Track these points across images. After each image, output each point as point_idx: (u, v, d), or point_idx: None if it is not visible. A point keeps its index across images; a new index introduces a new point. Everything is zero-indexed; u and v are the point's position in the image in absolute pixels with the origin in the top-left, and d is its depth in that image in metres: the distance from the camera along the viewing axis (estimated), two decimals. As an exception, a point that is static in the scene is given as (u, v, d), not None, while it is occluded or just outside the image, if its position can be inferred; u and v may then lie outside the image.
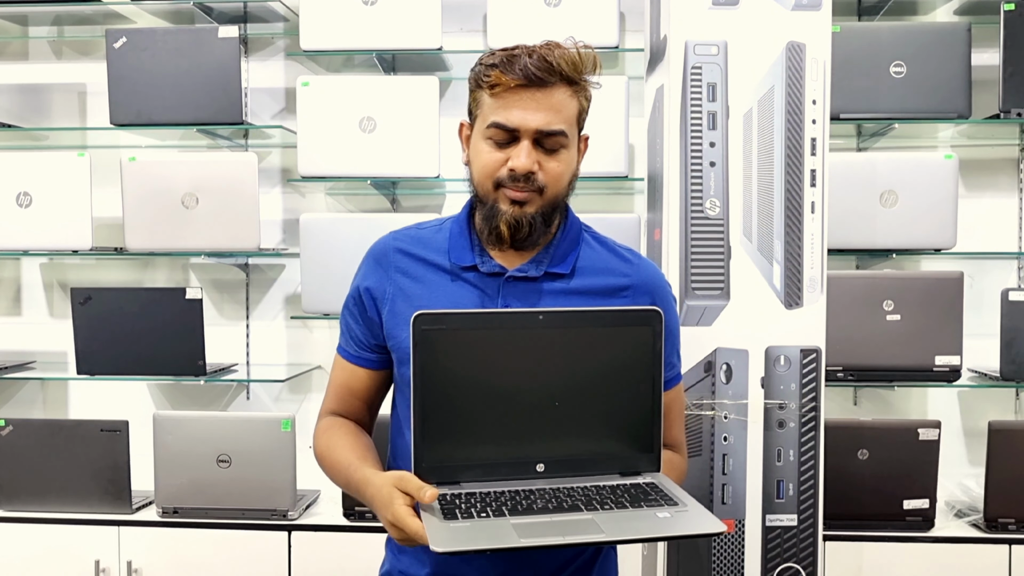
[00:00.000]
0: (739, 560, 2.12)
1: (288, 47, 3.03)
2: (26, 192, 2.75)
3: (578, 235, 1.44)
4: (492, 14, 2.67)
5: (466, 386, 1.27)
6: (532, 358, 1.28)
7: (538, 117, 1.31)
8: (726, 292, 2.10)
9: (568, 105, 1.34)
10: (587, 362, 1.29)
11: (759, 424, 2.11)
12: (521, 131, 1.32)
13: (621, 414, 1.31)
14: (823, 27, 2.09)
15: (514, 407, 1.28)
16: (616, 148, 2.63)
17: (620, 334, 1.29)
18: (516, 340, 1.28)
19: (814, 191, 2.10)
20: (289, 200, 3.05)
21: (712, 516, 1.20)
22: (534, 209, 1.35)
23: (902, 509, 2.43)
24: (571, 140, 1.36)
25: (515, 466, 1.28)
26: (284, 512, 2.53)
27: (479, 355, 1.27)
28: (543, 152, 1.33)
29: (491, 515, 1.18)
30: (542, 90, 1.31)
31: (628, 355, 1.30)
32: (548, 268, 1.39)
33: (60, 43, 3.10)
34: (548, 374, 1.29)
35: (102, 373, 2.75)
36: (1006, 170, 2.90)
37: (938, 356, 2.51)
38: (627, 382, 1.30)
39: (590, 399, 1.29)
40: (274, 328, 3.05)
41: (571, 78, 1.33)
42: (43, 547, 2.56)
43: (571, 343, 1.29)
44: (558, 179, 1.35)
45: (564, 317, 1.29)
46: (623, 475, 1.31)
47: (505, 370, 1.28)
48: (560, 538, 1.13)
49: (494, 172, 1.34)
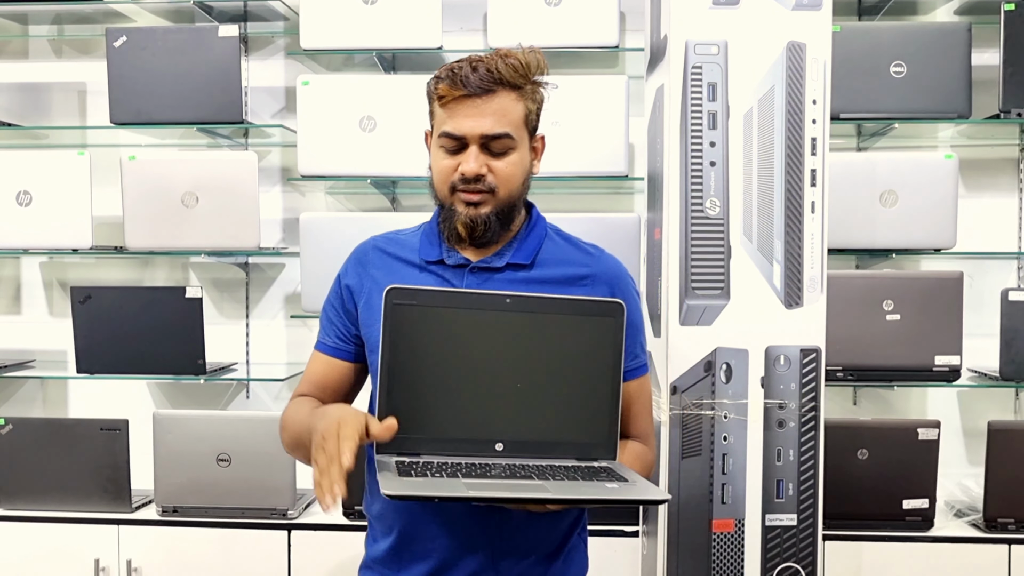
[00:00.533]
0: (739, 560, 2.12)
1: (288, 46, 3.03)
2: (26, 191, 2.75)
3: (543, 232, 1.52)
4: (492, 13, 2.67)
5: (432, 361, 1.32)
6: (497, 340, 1.33)
7: (482, 123, 1.38)
8: (726, 292, 2.10)
9: (512, 109, 1.41)
10: (550, 348, 1.34)
11: (759, 424, 2.11)
12: (468, 138, 1.40)
13: (581, 401, 1.35)
14: (823, 27, 2.09)
15: (477, 386, 1.33)
16: (616, 147, 2.63)
17: (584, 323, 1.34)
18: (483, 321, 1.33)
19: (814, 191, 2.10)
20: (289, 199, 3.05)
21: (658, 488, 1.24)
22: (488, 209, 1.42)
23: (902, 509, 2.43)
24: (519, 141, 1.43)
25: (475, 443, 1.32)
26: (284, 511, 2.53)
27: (446, 332, 1.32)
28: (491, 155, 1.41)
29: (445, 476, 1.22)
30: (484, 98, 1.38)
31: (590, 344, 1.34)
32: (510, 260, 1.47)
33: (60, 42, 3.10)
34: (512, 356, 1.33)
35: (102, 372, 2.75)
36: (1006, 170, 2.90)
37: (938, 356, 2.51)
38: (588, 370, 1.34)
39: (551, 384, 1.34)
40: (274, 327, 3.05)
41: (514, 83, 1.40)
42: (43, 546, 2.56)
43: (536, 328, 1.33)
44: (508, 179, 1.42)
45: (530, 302, 1.34)
46: (579, 460, 1.35)
47: (471, 349, 1.33)
48: (507, 492, 1.18)
49: (448, 178, 1.42)
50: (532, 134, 1.47)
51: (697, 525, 2.12)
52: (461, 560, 1.43)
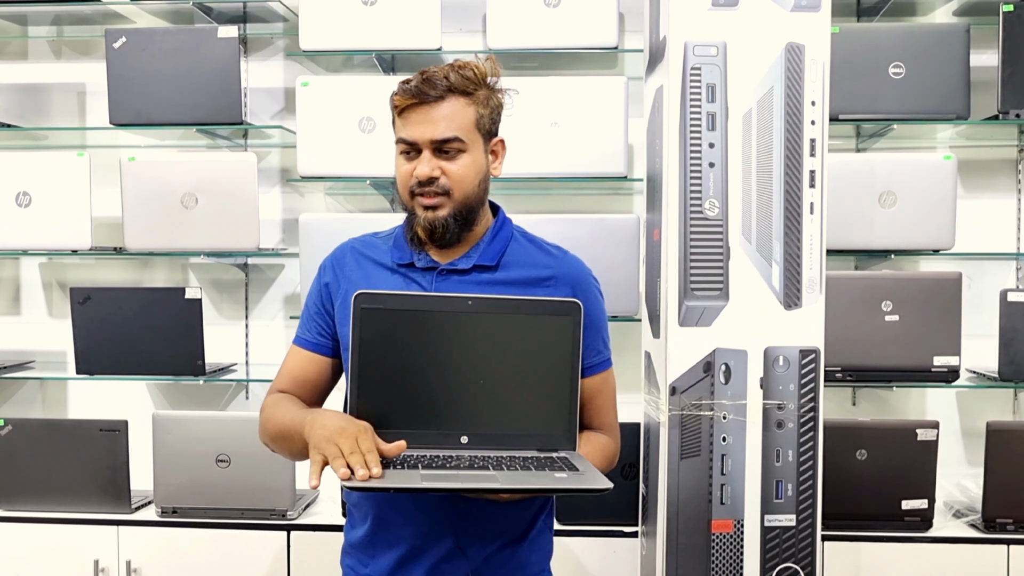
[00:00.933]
0: (738, 560, 2.13)
1: (288, 47, 3.03)
2: (25, 192, 2.75)
3: (508, 234, 1.59)
4: (491, 14, 2.68)
5: (399, 361, 1.41)
6: (460, 339, 1.42)
7: (431, 128, 1.47)
8: (725, 293, 2.10)
9: (462, 113, 1.48)
10: (511, 346, 1.42)
11: (758, 424, 2.11)
12: (420, 143, 1.48)
13: (541, 395, 1.43)
14: (822, 28, 2.09)
15: (442, 383, 1.42)
16: (615, 148, 2.63)
17: (542, 322, 1.42)
18: (446, 322, 1.42)
19: (813, 192, 2.11)
20: (288, 200, 3.05)
21: (603, 478, 1.30)
22: (446, 212, 1.49)
23: (900, 509, 2.43)
24: (470, 144, 1.50)
25: (442, 436, 1.41)
26: (283, 512, 2.53)
27: (412, 334, 1.41)
28: (445, 158, 1.48)
29: (406, 468, 1.31)
30: (432, 104, 1.47)
31: (549, 342, 1.42)
32: (477, 261, 1.53)
33: (60, 43, 3.11)
34: (475, 355, 1.42)
35: (101, 373, 2.75)
36: (1004, 171, 2.91)
37: (936, 356, 2.52)
38: (547, 366, 1.42)
39: (512, 380, 1.42)
40: (273, 328, 3.05)
41: (463, 89, 1.48)
42: (42, 547, 2.56)
43: (497, 328, 1.42)
44: (460, 181, 1.49)
45: (490, 303, 1.43)
46: (540, 451, 1.42)
47: (435, 348, 1.41)
48: (458, 484, 1.27)
49: (407, 183, 1.50)
50: (489, 137, 1.54)
51: (696, 526, 2.12)
52: (430, 546, 1.50)
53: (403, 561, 1.51)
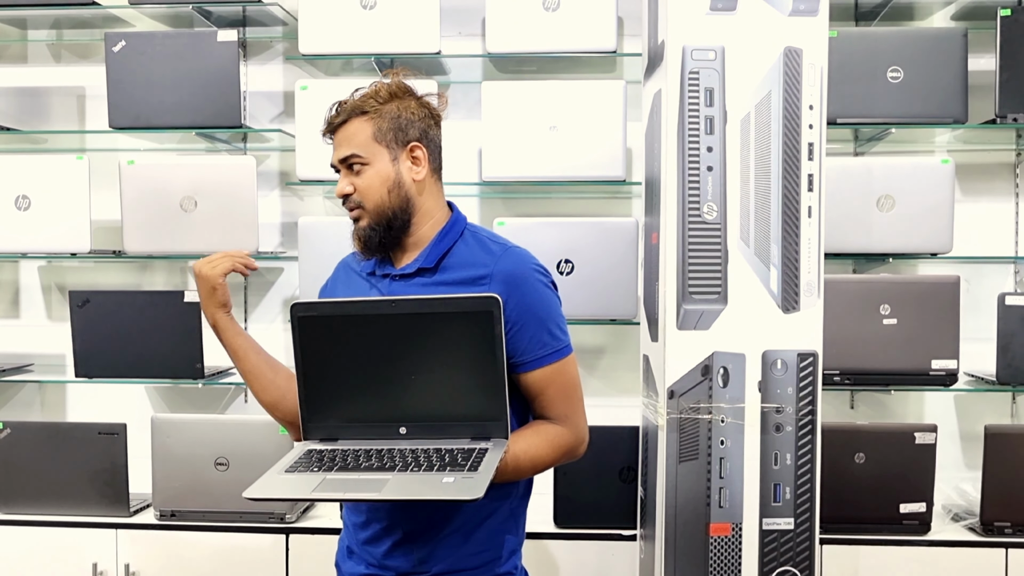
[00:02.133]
0: (736, 563, 2.13)
1: (287, 51, 3.03)
2: (25, 195, 2.76)
3: (456, 235, 1.64)
4: (491, 18, 2.68)
5: (338, 361, 1.53)
6: (390, 338, 1.51)
7: (337, 152, 1.61)
8: (723, 296, 2.10)
9: (360, 130, 1.59)
10: (435, 342, 1.50)
11: (756, 428, 2.11)
12: (335, 165, 1.63)
13: (469, 386, 1.50)
14: (820, 33, 2.09)
15: (379, 379, 1.52)
16: (614, 152, 2.64)
17: (461, 318, 1.49)
18: (375, 323, 1.51)
19: (811, 196, 2.11)
20: (287, 203, 3.06)
21: (482, 486, 1.34)
22: (366, 222, 1.60)
23: (899, 513, 2.44)
24: (371, 157, 1.59)
25: (382, 428, 1.53)
26: (282, 515, 2.54)
27: (346, 336, 1.52)
28: (353, 175, 1.60)
29: (320, 470, 1.45)
30: (339, 130, 1.61)
31: (470, 335, 1.49)
32: (421, 264, 1.61)
33: (59, 46, 3.11)
34: (404, 352, 1.51)
35: (100, 376, 2.75)
36: (1002, 175, 2.91)
37: (935, 360, 2.52)
38: (472, 359, 1.49)
39: (441, 373, 1.51)
40: (272, 331, 3.05)
41: (360, 109, 1.60)
42: (41, 550, 2.56)
43: (420, 326, 1.50)
44: (367, 191, 1.59)
45: (411, 304, 1.51)
46: (474, 439, 1.50)
47: (369, 348, 1.52)
48: (341, 494, 1.40)
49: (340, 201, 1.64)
50: (402, 146, 1.61)
51: (694, 529, 2.13)
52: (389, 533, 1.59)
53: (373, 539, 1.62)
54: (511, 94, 2.67)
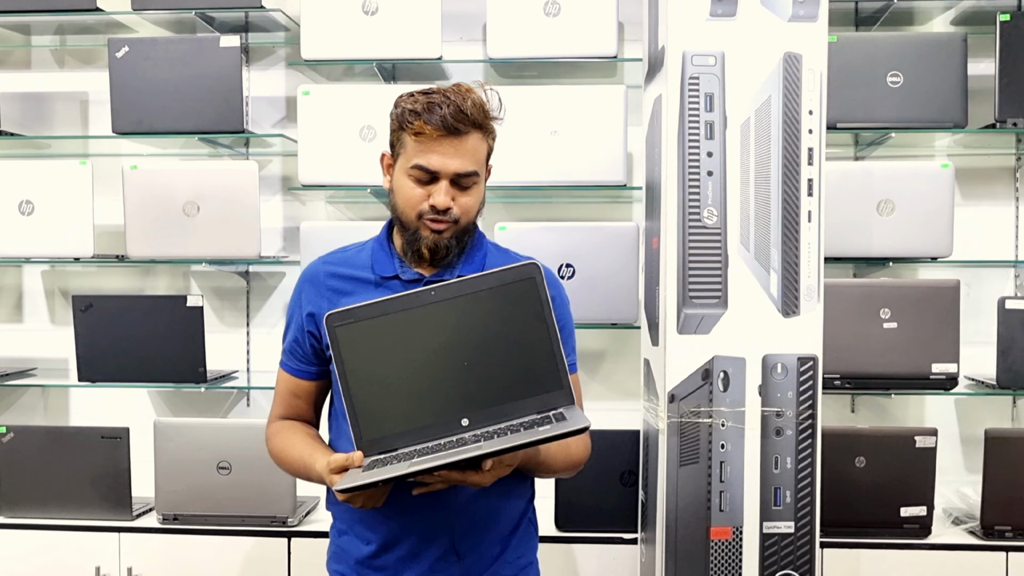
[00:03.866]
0: (737, 567, 2.13)
1: (289, 56, 3.04)
2: (28, 200, 2.77)
3: (485, 247, 1.65)
4: (492, 24, 2.69)
5: (384, 365, 1.45)
6: (435, 328, 1.45)
7: (455, 162, 1.51)
8: (723, 300, 2.11)
9: (480, 148, 1.54)
10: (483, 321, 1.45)
11: (756, 432, 2.12)
12: (441, 174, 1.51)
13: (525, 359, 1.44)
14: (819, 38, 2.10)
15: (430, 374, 1.45)
16: (614, 157, 2.65)
17: (505, 291, 1.44)
18: (417, 316, 1.45)
19: (811, 200, 2.12)
20: (289, 208, 3.06)
21: (583, 418, 1.34)
22: (450, 235, 1.55)
23: (899, 516, 2.44)
24: (481, 178, 1.56)
25: (442, 425, 1.44)
26: (284, 519, 2.54)
27: (389, 336, 1.45)
28: (458, 189, 1.53)
29: (401, 460, 1.36)
30: (458, 137, 1.50)
31: (517, 306, 1.44)
32: (460, 272, 1.58)
33: (62, 52, 3.12)
34: (452, 339, 1.45)
35: (103, 380, 2.76)
36: (1002, 179, 2.92)
37: (935, 364, 2.52)
38: (522, 329, 1.44)
39: (494, 353, 1.44)
40: (274, 335, 3.06)
41: (481, 124, 1.53)
42: (44, 554, 2.57)
43: (464, 309, 1.44)
44: (469, 211, 1.56)
45: (452, 287, 1.46)
46: (539, 412, 1.43)
47: (414, 344, 1.45)
48: (439, 460, 1.31)
49: (416, 206, 1.53)
50: (487, 167, 1.60)
51: (695, 533, 2.13)
52: (427, 548, 1.55)
53: (401, 566, 1.57)
54: (512, 99, 2.63)
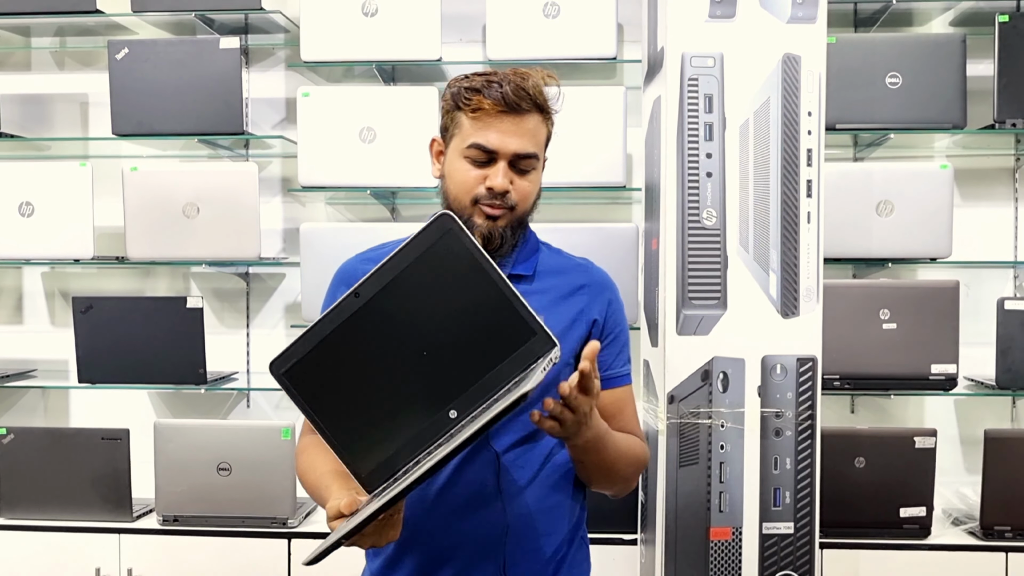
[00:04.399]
0: (736, 568, 2.13)
1: (289, 58, 3.05)
2: (28, 202, 2.77)
3: (536, 245, 1.56)
4: (491, 25, 2.69)
5: (348, 393, 1.31)
6: (378, 330, 1.30)
7: (515, 141, 1.42)
8: (723, 301, 2.11)
9: (539, 130, 1.46)
10: (422, 301, 1.30)
11: (756, 432, 2.12)
12: (499, 153, 1.42)
13: (482, 321, 1.29)
14: (818, 39, 2.11)
15: (395, 380, 1.30)
16: (614, 158, 2.65)
17: (429, 257, 1.29)
18: (355, 326, 1.30)
19: (810, 201, 2.12)
20: (289, 209, 3.07)
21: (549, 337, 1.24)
22: (505, 223, 1.45)
23: (899, 517, 2.44)
24: (540, 163, 1.48)
25: (431, 426, 1.29)
26: (284, 520, 2.54)
27: (337, 360, 1.30)
28: (516, 172, 1.44)
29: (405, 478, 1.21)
30: (519, 116, 1.42)
31: (448, 268, 1.29)
32: (512, 271, 1.48)
33: (62, 54, 3.12)
34: (400, 334, 1.30)
35: (103, 381, 2.76)
36: (1001, 180, 2.92)
37: (934, 364, 2.53)
38: (465, 290, 1.29)
39: (448, 328, 1.30)
40: (274, 336, 3.06)
41: (542, 106, 1.46)
42: (44, 555, 2.57)
43: (397, 296, 1.29)
44: (527, 197, 1.46)
45: (373, 279, 1.29)
46: (525, 369, 1.28)
47: (366, 356, 1.30)
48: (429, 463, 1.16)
49: (472, 189, 1.43)
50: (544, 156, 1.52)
51: (695, 533, 2.13)
52: (473, 573, 1.45)
53: None
54: (512, 100, 2.67)
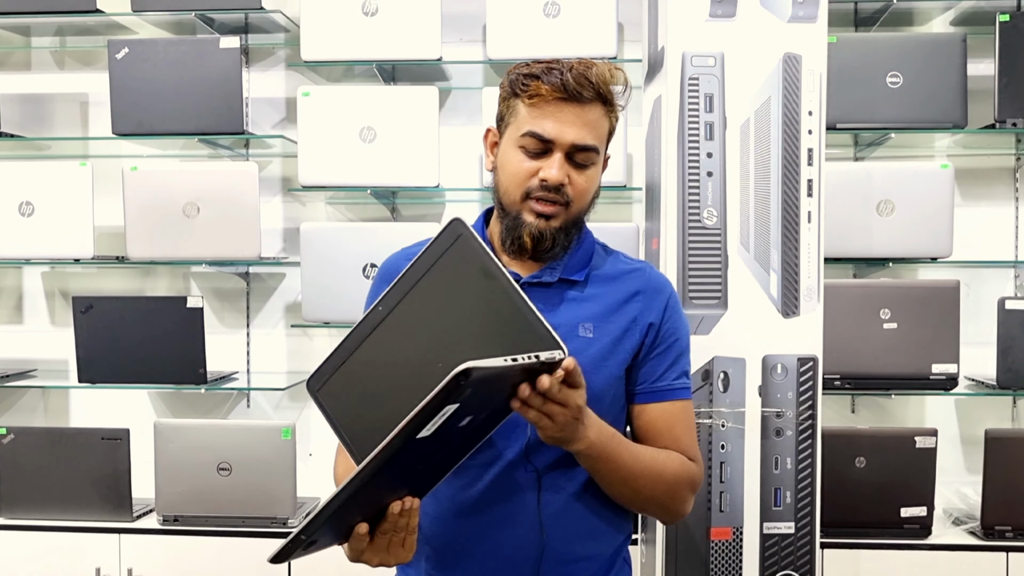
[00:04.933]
0: (737, 568, 2.13)
1: (289, 57, 3.04)
2: (28, 201, 2.77)
3: (591, 247, 1.46)
4: (491, 24, 2.69)
5: (377, 408, 1.28)
6: (399, 344, 1.28)
7: (574, 131, 1.32)
8: (723, 301, 2.11)
9: (601, 123, 1.36)
10: (437, 311, 1.26)
11: (756, 432, 2.12)
12: (556, 143, 1.33)
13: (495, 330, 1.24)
14: (819, 39, 2.10)
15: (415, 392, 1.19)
16: (614, 158, 2.64)
17: (442, 266, 1.24)
18: (379, 340, 1.28)
19: (811, 201, 2.12)
20: (289, 209, 3.07)
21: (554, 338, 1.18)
22: (559, 223, 1.35)
23: (899, 517, 2.44)
24: (600, 157, 1.38)
25: None
26: (284, 520, 2.54)
27: (365, 374, 1.29)
28: (573, 166, 1.34)
29: None
30: (580, 105, 1.32)
31: (461, 276, 1.24)
32: (562, 275, 1.39)
33: (62, 53, 3.12)
34: (419, 346, 1.27)
35: (103, 381, 2.76)
36: (1002, 179, 2.92)
37: (935, 364, 2.52)
38: (478, 298, 1.24)
39: (461, 339, 1.25)
40: (274, 336, 3.06)
41: (606, 97, 1.35)
42: (44, 554, 2.57)
43: (415, 307, 1.26)
44: (584, 194, 1.37)
45: (394, 291, 1.27)
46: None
47: (390, 369, 1.28)
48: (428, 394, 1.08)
49: (524, 181, 1.34)
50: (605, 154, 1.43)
51: (695, 533, 2.13)
52: None
53: None
54: (512, 100, 2.67)
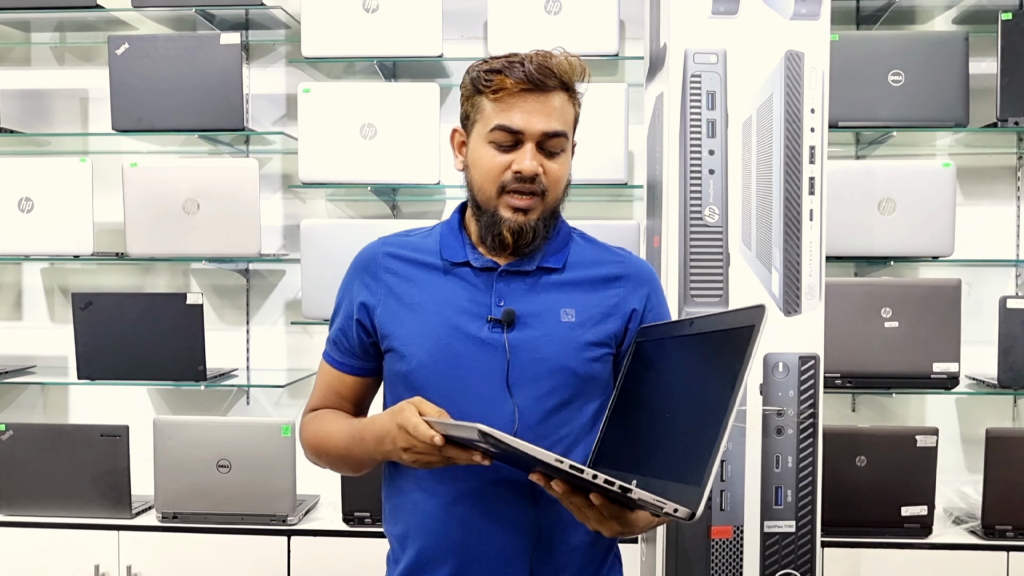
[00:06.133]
0: (737, 566, 2.13)
1: (289, 54, 3.04)
2: (28, 197, 2.76)
3: (568, 236, 1.47)
4: (493, 22, 2.69)
5: (645, 395, 1.31)
6: (644, 373, 1.33)
7: (542, 120, 1.33)
8: (725, 299, 2.11)
9: (567, 109, 1.37)
10: (681, 367, 1.26)
11: (757, 431, 2.11)
12: (526, 133, 1.34)
13: (687, 434, 1.16)
14: (821, 36, 2.10)
15: (645, 417, 1.29)
16: (616, 155, 2.64)
17: (717, 338, 1.18)
18: (638, 359, 1.33)
19: (812, 199, 2.11)
20: (290, 206, 3.06)
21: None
22: (536, 215, 1.37)
23: (900, 516, 2.44)
24: (569, 144, 1.40)
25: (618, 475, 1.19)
26: (284, 517, 2.54)
27: (653, 361, 1.33)
28: (545, 155, 1.36)
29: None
30: (544, 93, 1.34)
31: (719, 356, 1.17)
32: (541, 263, 1.41)
33: (62, 49, 3.12)
34: (662, 385, 1.29)
35: (103, 378, 2.75)
36: (1004, 178, 2.91)
37: (936, 363, 2.52)
38: (710, 384, 1.16)
39: (675, 406, 1.23)
40: (274, 333, 3.06)
41: (568, 84, 1.37)
42: (43, 551, 2.56)
43: (668, 352, 1.29)
44: (558, 182, 1.38)
45: (665, 327, 1.32)
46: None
47: (638, 388, 1.33)
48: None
49: (498, 176, 1.35)
50: (573, 140, 1.43)
51: (696, 532, 2.13)
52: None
53: None
54: (513, 97, 2.67)
